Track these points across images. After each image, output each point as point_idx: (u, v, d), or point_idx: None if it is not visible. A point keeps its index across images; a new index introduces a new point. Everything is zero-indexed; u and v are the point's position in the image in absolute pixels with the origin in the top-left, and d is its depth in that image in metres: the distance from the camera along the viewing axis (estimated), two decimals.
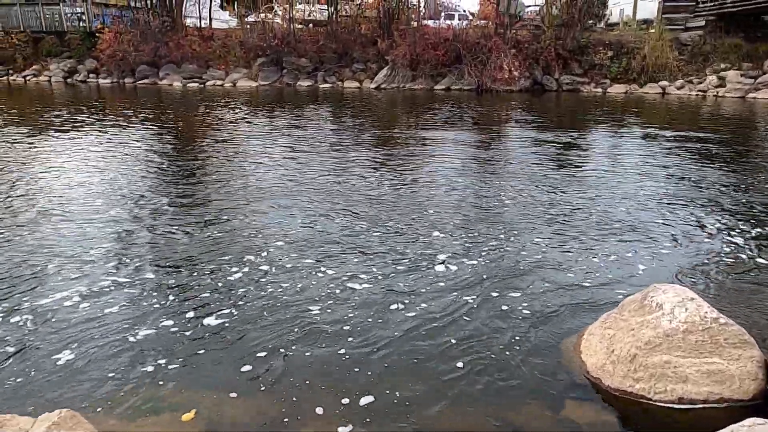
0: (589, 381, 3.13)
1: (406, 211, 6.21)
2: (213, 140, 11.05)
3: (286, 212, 6.14)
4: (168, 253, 4.95)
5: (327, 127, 13.21)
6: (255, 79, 25.57)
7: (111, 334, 3.57)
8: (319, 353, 3.37)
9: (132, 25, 26.65)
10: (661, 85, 22.45)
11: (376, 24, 25.80)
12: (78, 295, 4.07)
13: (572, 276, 4.51)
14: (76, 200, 6.58)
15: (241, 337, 3.54)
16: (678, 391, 2.88)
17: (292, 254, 4.90)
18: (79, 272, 4.48)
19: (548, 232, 5.56)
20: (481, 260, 4.80)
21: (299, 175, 7.88)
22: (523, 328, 3.70)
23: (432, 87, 23.90)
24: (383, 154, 9.62)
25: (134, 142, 10.65)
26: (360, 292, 4.16)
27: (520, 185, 7.45)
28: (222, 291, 4.18)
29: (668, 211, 6.22)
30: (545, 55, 23.42)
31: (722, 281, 4.40)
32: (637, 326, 3.13)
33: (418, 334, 3.61)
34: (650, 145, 10.64)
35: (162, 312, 3.86)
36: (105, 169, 8.24)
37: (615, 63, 23.27)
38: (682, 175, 8.06)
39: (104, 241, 5.19)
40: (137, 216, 6.00)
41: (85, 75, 26.95)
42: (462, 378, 3.16)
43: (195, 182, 7.59)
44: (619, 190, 7.16)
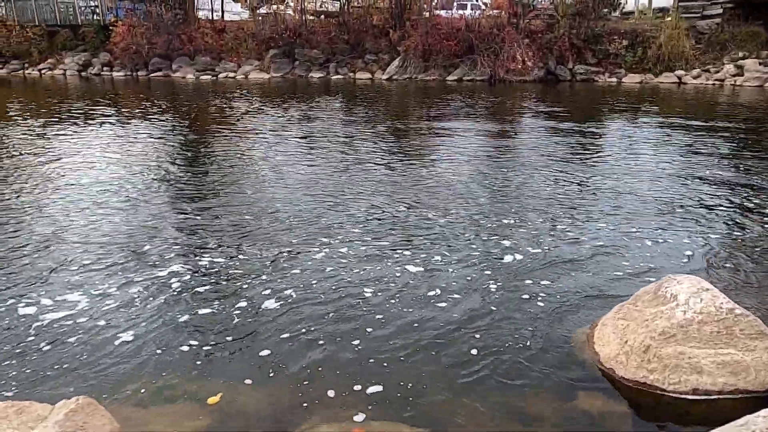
0: (602, 372, 3.12)
1: (422, 199, 6.20)
2: (228, 132, 11.11)
3: (301, 202, 6.16)
4: (191, 241, 5.00)
5: (340, 119, 13.22)
6: (267, 71, 25.59)
7: (128, 322, 3.62)
8: (342, 341, 3.39)
9: (145, 18, 26.75)
10: (677, 75, 22.10)
11: (388, 15, 25.65)
12: (96, 284, 4.13)
13: (587, 266, 4.49)
14: (90, 191, 6.66)
15: (266, 323, 3.57)
16: (692, 382, 2.86)
17: (313, 241, 4.92)
18: (101, 262, 4.54)
19: (562, 221, 5.53)
20: (495, 250, 4.79)
21: (316, 167, 7.90)
22: (537, 318, 3.69)
23: (444, 78, 23.75)
24: (399, 146, 9.61)
25: (150, 135, 10.74)
26: (379, 277, 4.17)
27: (536, 176, 7.41)
28: (243, 277, 4.21)
29: (684, 202, 6.15)
30: (559, 45, 23.14)
31: (738, 271, 4.36)
32: (651, 317, 3.11)
33: (431, 322, 3.63)
34: (667, 136, 10.51)
35: (190, 301, 3.90)
36: (122, 161, 8.33)
37: (630, 52, 22.94)
38: (698, 165, 7.96)
39: (125, 231, 5.25)
40: (157, 206, 6.06)
41: (99, 68, 27.14)
42: (474, 368, 3.16)
43: (213, 172, 7.64)
44: (635, 181, 7.09)
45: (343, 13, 26.38)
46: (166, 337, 3.47)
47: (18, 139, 10.29)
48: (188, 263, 4.55)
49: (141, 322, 3.63)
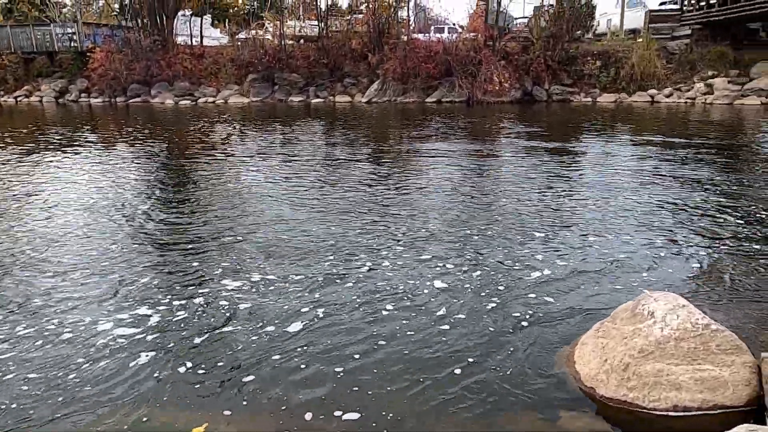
0: (583, 391, 3.13)
1: (403, 218, 6.21)
2: (209, 157, 11.06)
3: (285, 228, 6.13)
4: (167, 272, 4.92)
5: (322, 142, 13.26)
6: (247, 96, 25.66)
7: (105, 356, 3.55)
8: (315, 365, 3.35)
9: (123, 44, 26.73)
10: (650, 94, 22.67)
11: (367, 39, 25.98)
12: (76, 314, 4.04)
13: (567, 283, 4.52)
14: (71, 218, 6.56)
15: (236, 350, 3.52)
16: (672, 399, 2.87)
17: (289, 269, 4.88)
18: (82, 291, 4.45)
19: (541, 239, 5.58)
20: (474, 269, 4.80)
21: (297, 191, 7.88)
22: (518, 337, 3.69)
23: (423, 100, 24.04)
24: (380, 168, 9.65)
25: (129, 161, 10.65)
26: (357, 298, 4.15)
27: (515, 195, 7.48)
28: (221, 304, 4.16)
29: (660, 218, 6.25)
30: (535, 66, 23.63)
31: (712, 286, 4.42)
32: (629, 335, 3.13)
33: (412, 344, 3.60)
34: (642, 153, 10.72)
35: (166, 332, 3.84)
36: (99, 189, 8.23)
37: (604, 73, 23.50)
38: (672, 182, 8.11)
39: (106, 259, 5.16)
40: (140, 233, 5.97)
41: (76, 95, 26.98)
42: (454, 389, 3.14)
43: (191, 201, 7.58)
44: (612, 198, 7.20)
45: (322, 38, 26.65)
46: (146, 367, 3.40)
47: None
48: (169, 291, 4.48)
49: (120, 353, 3.55)
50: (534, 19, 26.15)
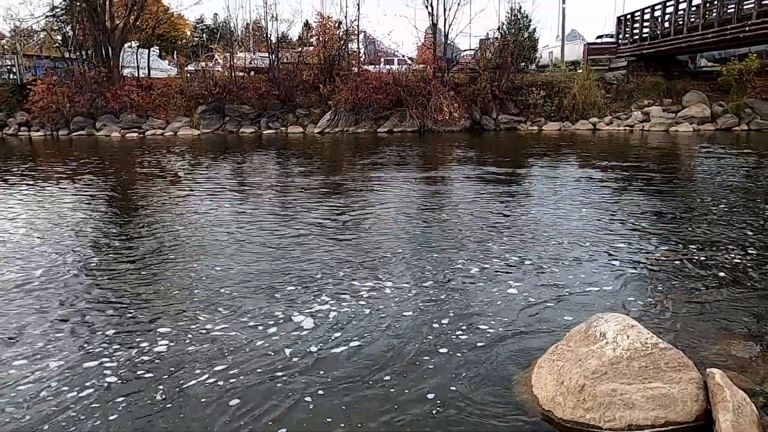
0: (541, 415, 3.16)
1: (358, 245, 6.19)
2: (155, 192, 10.78)
3: (231, 265, 6.00)
4: (115, 317, 4.73)
5: (274, 173, 13.17)
6: (197, 127, 25.32)
7: (50, 398, 3.35)
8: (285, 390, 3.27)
9: (66, 76, 26.02)
10: (591, 122, 23.69)
11: (318, 70, 26.21)
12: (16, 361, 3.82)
13: (520, 306, 4.59)
14: (9, 262, 6.23)
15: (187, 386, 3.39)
16: (627, 418, 2.94)
17: (238, 310, 4.77)
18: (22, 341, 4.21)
19: (493, 262, 5.66)
20: (429, 292, 4.82)
21: (247, 226, 7.75)
22: (474, 362, 3.70)
23: (375, 130, 24.32)
24: (332, 199, 9.64)
25: (68, 198, 10.25)
26: (306, 330, 4.08)
27: (466, 220, 7.59)
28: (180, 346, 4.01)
29: (606, 240, 6.47)
30: (482, 96, 24.37)
31: (659, 307, 4.58)
32: (583, 356, 3.20)
33: (361, 371, 3.57)
34: (586, 176, 11.13)
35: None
36: (34, 230, 7.88)
37: (548, 102, 24.45)
38: (615, 203, 8.44)
39: (39, 309, 4.91)
40: (86, 275, 5.72)
41: (15, 128, 25.97)
42: (409, 416, 3.11)
43: (135, 241, 7.34)
44: (561, 223, 7.41)
45: (273, 69, 26.72)
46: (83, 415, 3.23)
47: None
48: (121, 334, 4.30)
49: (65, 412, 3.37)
50: (480, 51, 27.07)
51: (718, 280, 5.10)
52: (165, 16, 34.24)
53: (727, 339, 3.90)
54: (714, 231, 6.79)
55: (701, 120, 22.32)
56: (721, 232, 6.71)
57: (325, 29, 26.72)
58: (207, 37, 47.16)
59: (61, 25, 31.74)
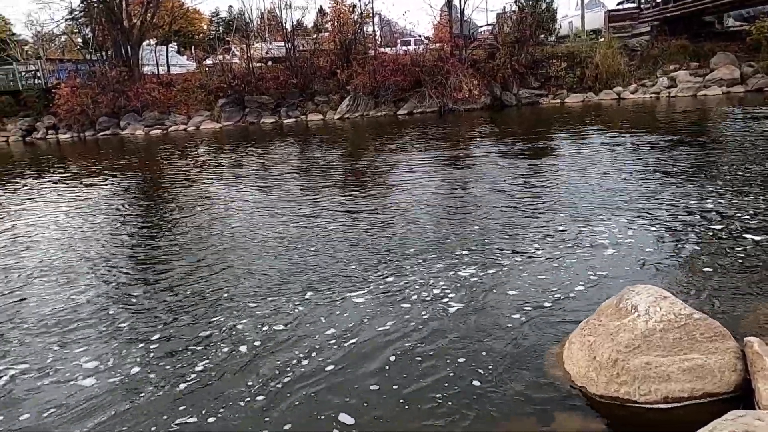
0: (574, 390, 3.13)
1: (387, 225, 6.20)
2: (183, 186, 10.94)
3: (270, 254, 6.06)
4: (148, 316, 4.83)
5: (297, 162, 13.22)
6: (218, 121, 25.54)
7: (85, 400, 3.46)
8: (311, 368, 3.31)
9: (89, 78, 26.45)
10: (615, 91, 23.11)
11: (334, 56, 26.10)
12: (58, 358, 3.94)
13: (551, 282, 4.54)
14: (51, 259, 6.41)
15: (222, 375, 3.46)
16: (662, 391, 2.89)
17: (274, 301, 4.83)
18: (53, 337, 4.34)
19: (522, 239, 5.60)
20: (459, 272, 4.80)
21: (275, 218, 7.81)
22: (506, 340, 3.69)
23: (395, 112, 24.18)
24: (358, 180, 9.64)
25: (102, 196, 10.47)
26: (352, 317, 4.11)
27: (494, 198, 7.52)
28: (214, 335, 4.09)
29: (636, 213, 6.33)
30: (502, 72, 23.97)
31: (692, 277, 4.48)
32: (615, 330, 3.15)
33: (398, 349, 3.59)
34: (613, 148, 10.89)
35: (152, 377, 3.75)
36: (70, 231, 8.07)
37: (570, 74, 23.92)
38: (643, 173, 8.25)
39: (75, 306, 5.05)
40: (120, 271, 5.86)
41: (43, 132, 26.57)
42: (444, 396, 3.12)
43: (166, 235, 7.47)
44: (589, 196, 7.27)
45: (290, 58, 26.70)
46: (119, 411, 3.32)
47: None
48: (156, 328, 4.40)
49: (94, 399, 3.47)
50: (498, 26, 26.58)
51: (753, 248, 4.95)
52: (181, 12, 34.44)
53: (765, 307, 3.80)
54: (748, 198, 6.59)
55: (731, 82, 21.58)
56: (755, 199, 6.50)
57: (339, 14, 26.57)
58: (223, 29, 47.34)
59: (81, 28, 32.22)
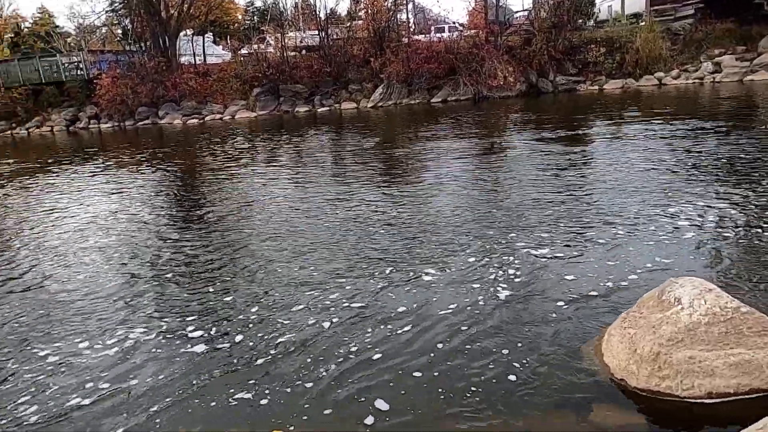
0: (613, 383, 3.08)
1: (424, 216, 6.19)
2: (221, 175, 11.12)
3: (308, 245, 6.13)
4: (191, 299, 4.95)
5: (332, 151, 13.28)
6: (253, 110, 25.82)
7: (121, 383, 3.57)
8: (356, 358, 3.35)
9: (128, 68, 27.06)
10: (657, 77, 22.39)
11: (368, 44, 26.02)
12: (99, 340, 4.08)
13: (590, 273, 4.46)
14: (93, 244, 6.63)
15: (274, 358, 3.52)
16: (706, 386, 2.81)
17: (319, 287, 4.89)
18: (97, 320, 4.49)
19: (561, 229, 5.52)
20: (498, 263, 4.76)
21: (312, 203, 7.87)
22: (543, 332, 3.64)
23: (429, 100, 24.00)
24: (394, 170, 9.64)
25: (145, 183, 10.75)
26: (386, 293, 4.13)
27: (532, 186, 7.42)
28: (255, 319, 4.17)
29: (679, 203, 6.15)
30: (538, 58, 23.49)
31: (738, 269, 4.33)
32: (657, 323, 3.07)
33: (437, 340, 3.60)
34: (654, 137, 10.57)
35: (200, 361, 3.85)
36: (122, 211, 8.32)
37: (609, 59, 23.27)
38: (686, 162, 7.99)
39: (118, 290, 5.21)
40: (161, 258, 6.03)
41: (86, 122, 27.34)
42: (481, 388, 3.11)
43: (207, 218, 7.63)
44: (630, 186, 7.08)
45: (324, 46, 26.74)
46: (162, 398, 3.41)
47: (14, 197, 10.29)
48: (175, 320, 4.51)
49: (136, 384, 3.57)
50: (534, 11, 26.03)
51: None
52: (216, 2, 34.78)
53: None
54: None
55: None
56: None
57: (373, 1, 26.41)
58: (258, 19, 47.65)
59: (121, 19, 32.91)
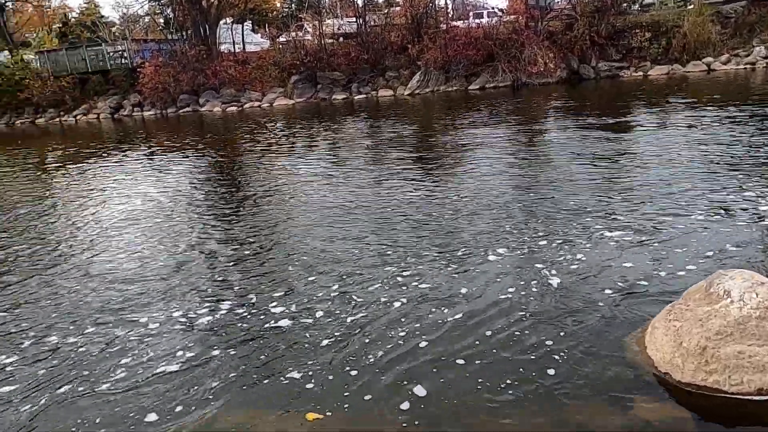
0: (657, 377, 3.01)
1: (467, 206, 6.16)
2: (261, 161, 11.29)
3: (346, 233, 6.18)
4: (236, 278, 5.07)
5: (370, 139, 13.28)
6: (291, 97, 26.00)
7: (164, 363, 3.68)
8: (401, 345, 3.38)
9: (170, 57, 27.57)
10: (705, 62, 21.52)
11: (406, 30, 25.81)
12: (124, 328, 4.22)
13: (633, 265, 4.36)
14: (137, 227, 6.84)
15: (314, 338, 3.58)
16: (756, 382, 2.73)
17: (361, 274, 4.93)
18: (144, 300, 4.64)
19: (605, 221, 5.40)
20: (539, 254, 4.70)
21: (351, 191, 7.89)
22: (585, 324, 3.59)
23: (466, 87, 23.70)
24: (432, 159, 9.59)
25: (187, 169, 11.00)
26: (434, 285, 4.15)
27: (577, 176, 7.29)
28: (296, 306, 4.24)
29: (729, 193, 5.94)
30: (580, 44, 22.87)
31: None
32: (704, 316, 2.99)
33: (479, 331, 3.60)
34: (702, 126, 10.19)
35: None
36: (169, 196, 8.54)
37: (654, 44, 22.48)
38: (735, 153, 7.69)
39: (165, 269, 5.36)
40: (204, 240, 6.18)
41: (130, 109, 28.05)
42: (521, 376, 3.09)
43: (255, 207, 7.76)
44: (677, 175, 6.87)
45: (361, 33, 26.67)
46: (206, 378, 3.50)
47: (71, 181, 10.69)
48: (221, 303, 4.61)
49: (178, 365, 3.67)
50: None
51: None
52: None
53: None
54: None
55: None
56: None
57: None
58: (296, 6, 47.83)
59: (163, 8, 33.54)
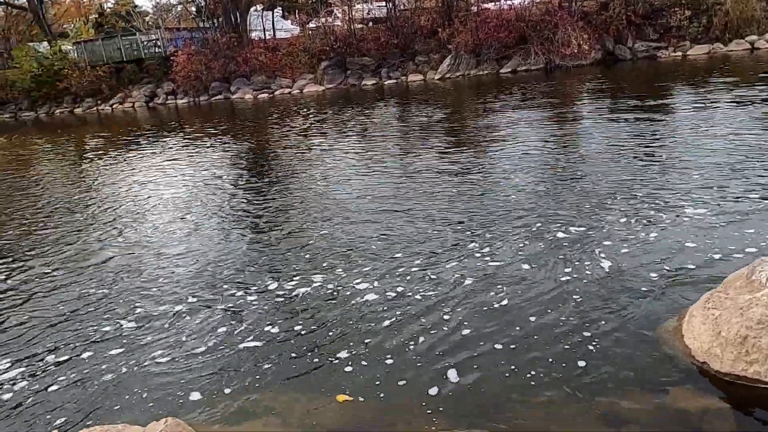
0: (695, 366, 2.94)
1: (498, 192, 6.11)
2: (289, 148, 11.37)
3: (375, 220, 6.20)
4: (263, 262, 5.14)
5: (400, 125, 13.23)
6: (321, 83, 26.03)
7: (207, 345, 3.75)
8: (430, 334, 3.38)
9: (202, 45, 27.88)
10: (748, 41, 20.65)
11: (436, 14, 25.50)
12: (168, 309, 4.31)
13: (669, 252, 4.26)
14: (170, 214, 6.99)
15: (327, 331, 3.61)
16: None
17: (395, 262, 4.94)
18: (174, 286, 4.74)
19: (641, 206, 5.28)
20: (574, 240, 4.63)
21: (385, 176, 7.91)
22: (620, 311, 3.53)
23: (498, 71, 23.32)
24: (465, 144, 9.51)
25: (217, 158, 11.16)
26: (460, 272, 4.13)
27: (611, 161, 7.15)
28: (315, 294, 4.29)
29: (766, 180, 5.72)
30: (616, 24, 22.21)
31: None
32: (745, 304, 2.89)
33: (511, 317, 3.59)
34: (746, 109, 9.82)
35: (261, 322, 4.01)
36: (196, 185, 8.70)
37: (694, 23, 21.68)
38: None
39: (196, 257, 5.46)
40: (231, 227, 6.28)
41: (163, 98, 28.52)
42: (557, 366, 3.06)
43: (283, 192, 7.84)
44: (719, 159, 6.64)
45: (391, 18, 26.46)
46: (245, 357, 3.57)
47: (110, 167, 10.98)
48: (262, 285, 4.67)
49: (219, 345, 3.75)
50: None
51: None
52: None
53: None
54: None
55: None
56: None
57: None
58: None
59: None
